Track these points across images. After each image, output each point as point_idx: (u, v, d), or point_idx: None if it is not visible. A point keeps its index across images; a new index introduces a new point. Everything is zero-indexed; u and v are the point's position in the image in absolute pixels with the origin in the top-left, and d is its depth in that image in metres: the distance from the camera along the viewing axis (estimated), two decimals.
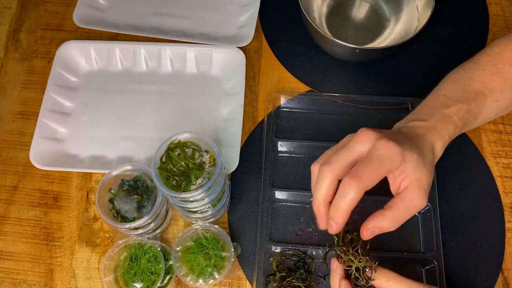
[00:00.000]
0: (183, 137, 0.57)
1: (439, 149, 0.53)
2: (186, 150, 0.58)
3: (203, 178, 0.57)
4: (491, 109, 0.58)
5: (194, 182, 0.56)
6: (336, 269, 0.52)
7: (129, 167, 0.61)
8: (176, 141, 0.57)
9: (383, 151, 0.47)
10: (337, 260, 0.52)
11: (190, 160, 0.58)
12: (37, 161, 0.69)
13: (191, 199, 0.56)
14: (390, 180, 0.50)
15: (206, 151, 0.59)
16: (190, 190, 0.56)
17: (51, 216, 0.69)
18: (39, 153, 0.70)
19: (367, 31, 0.79)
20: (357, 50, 0.70)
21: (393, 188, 0.50)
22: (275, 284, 0.61)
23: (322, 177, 0.49)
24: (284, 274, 0.61)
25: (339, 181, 0.48)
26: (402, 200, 0.48)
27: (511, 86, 0.58)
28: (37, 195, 0.71)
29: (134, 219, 0.61)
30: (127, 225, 0.58)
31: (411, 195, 0.48)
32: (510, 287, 0.63)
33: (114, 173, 0.61)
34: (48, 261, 0.67)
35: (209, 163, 0.58)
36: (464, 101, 0.56)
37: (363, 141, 0.49)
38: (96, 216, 0.69)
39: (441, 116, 0.55)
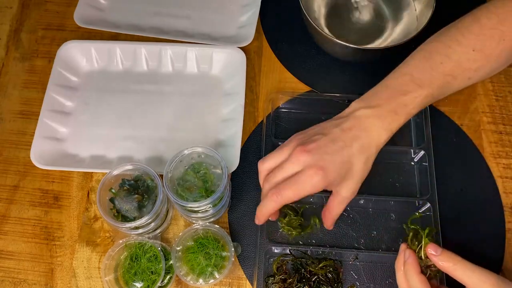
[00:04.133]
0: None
1: (383, 140, 0.54)
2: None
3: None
4: (460, 86, 0.56)
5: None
6: (409, 257, 0.55)
7: (129, 167, 0.61)
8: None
9: (308, 179, 0.52)
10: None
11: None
12: (38, 161, 0.69)
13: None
14: None
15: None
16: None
17: (51, 215, 0.69)
18: (40, 153, 0.70)
19: (367, 31, 0.79)
20: (358, 50, 0.70)
21: None
22: (275, 287, 0.61)
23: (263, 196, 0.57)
24: (285, 276, 0.61)
25: None
26: (331, 202, 0.57)
27: (491, 62, 0.55)
28: (38, 195, 0.71)
29: (134, 219, 0.60)
30: (128, 225, 0.59)
31: (335, 199, 0.56)
32: None
33: (115, 172, 0.61)
34: (48, 261, 0.67)
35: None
36: (427, 85, 0.54)
37: (293, 162, 0.54)
38: (97, 215, 0.69)
39: (395, 104, 0.54)
